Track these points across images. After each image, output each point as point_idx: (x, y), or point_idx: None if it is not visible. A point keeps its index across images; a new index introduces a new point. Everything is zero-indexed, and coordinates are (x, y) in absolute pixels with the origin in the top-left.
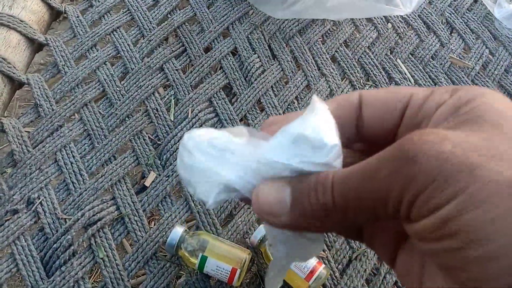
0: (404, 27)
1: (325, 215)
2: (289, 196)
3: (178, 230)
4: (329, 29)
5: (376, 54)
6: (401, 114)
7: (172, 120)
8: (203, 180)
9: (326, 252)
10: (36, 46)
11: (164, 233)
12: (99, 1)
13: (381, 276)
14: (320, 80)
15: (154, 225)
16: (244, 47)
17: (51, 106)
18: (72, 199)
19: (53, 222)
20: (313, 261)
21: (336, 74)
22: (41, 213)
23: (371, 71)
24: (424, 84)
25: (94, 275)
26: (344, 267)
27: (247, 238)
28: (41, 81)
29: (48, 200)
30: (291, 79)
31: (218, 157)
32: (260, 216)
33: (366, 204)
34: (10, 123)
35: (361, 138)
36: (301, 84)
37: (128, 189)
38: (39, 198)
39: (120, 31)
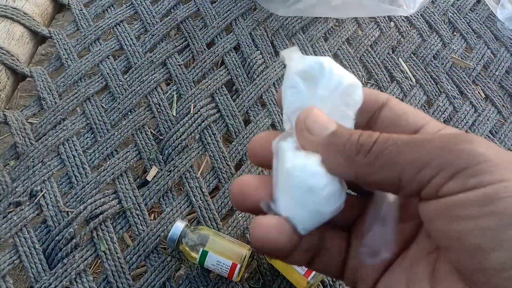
0: (407, 26)
1: (355, 154)
2: (334, 123)
3: (179, 225)
4: (331, 27)
5: (378, 53)
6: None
7: (174, 115)
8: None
9: None
10: (39, 39)
11: (165, 228)
12: None
13: None
14: None
15: (155, 219)
16: (247, 43)
17: (54, 99)
18: (74, 192)
19: (56, 214)
20: None
21: None
22: (43, 205)
23: (373, 69)
24: (425, 83)
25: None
26: None
27: (247, 233)
28: (44, 74)
29: (51, 193)
30: None
31: None
32: (299, 128)
33: (398, 164)
34: (13, 115)
35: None
36: None
37: (130, 183)
38: (42, 191)
39: (123, 25)
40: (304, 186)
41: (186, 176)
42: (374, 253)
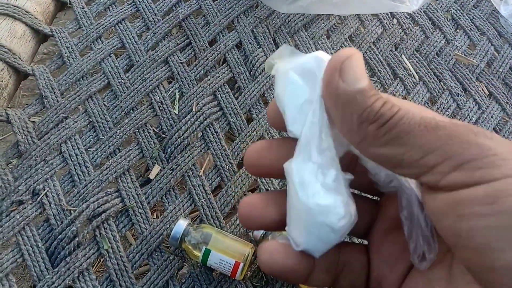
0: (410, 23)
1: (371, 122)
2: (366, 79)
3: (182, 223)
4: (334, 24)
5: (381, 50)
6: None
7: (177, 113)
8: None
9: None
10: (41, 37)
11: (168, 226)
12: None
13: None
14: None
15: (158, 217)
16: (249, 40)
17: (56, 97)
18: (77, 191)
19: (58, 213)
20: None
21: None
22: (46, 204)
23: (376, 66)
24: (428, 80)
25: (97, 265)
26: None
27: (250, 232)
28: (46, 72)
29: (53, 192)
30: None
31: None
32: (331, 69)
33: (405, 144)
34: (16, 114)
35: None
36: None
37: (132, 181)
38: (44, 189)
39: (125, 23)
40: (318, 221)
41: (189, 174)
42: (423, 257)
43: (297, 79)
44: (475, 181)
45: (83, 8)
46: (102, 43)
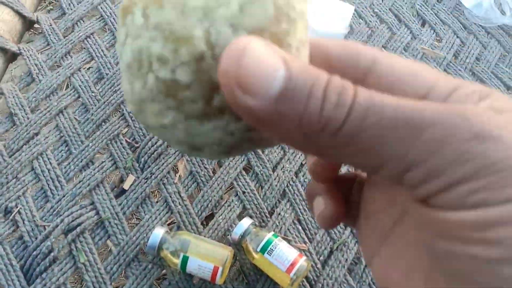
0: (376, 21)
1: (318, 131)
2: (283, 74)
3: (159, 231)
4: None
5: None
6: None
7: None
8: None
9: (308, 244)
10: (10, 56)
11: (145, 235)
12: (72, 9)
13: (362, 265)
14: None
15: (135, 227)
16: None
17: (26, 114)
18: (50, 206)
19: (32, 229)
20: (293, 254)
21: None
22: (19, 221)
23: None
24: None
25: (75, 280)
26: (325, 258)
27: (228, 235)
28: (15, 90)
29: (26, 208)
30: None
31: None
32: (227, 83)
33: (380, 155)
34: None
35: None
36: None
37: (107, 193)
38: (17, 207)
39: (93, 37)
40: None
41: (164, 182)
42: None
43: None
44: (470, 206)
45: (51, 25)
46: (71, 58)
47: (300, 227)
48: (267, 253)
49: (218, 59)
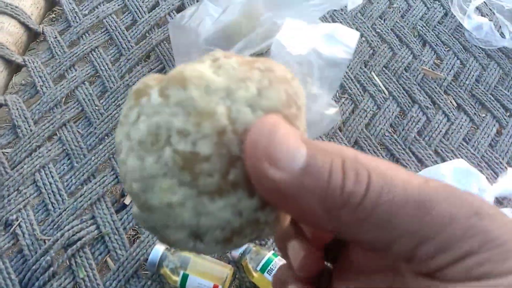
0: (378, 41)
1: (340, 206)
2: (305, 151)
3: (159, 248)
4: None
5: (350, 68)
6: None
7: None
8: None
9: None
10: (14, 67)
11: (145, 251)
12: (77, 22)
13: None
14: None
15: (135, 243)
16: None
17: (29, 126)
18: (51, 219)
19: (32, 243)
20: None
21: None
22: (19, 234)
23: (346, 84)
24: (398, 95)
25: None
26: None
27: (228, 253)
28: (19, 102)
29: (27, 221)
30: None
31: None
32: (255, 154)
33: (394, 229)
34: None
35: None
36: None
37: (107, 207)
38: (18, 220)
39: (98, 51)
40: None
41: None
42: None
43: None
44: (477, 277)
45: (56, 37)
46: (76, 71)
47: None
48: (267, 272)
49: (238, 134)
